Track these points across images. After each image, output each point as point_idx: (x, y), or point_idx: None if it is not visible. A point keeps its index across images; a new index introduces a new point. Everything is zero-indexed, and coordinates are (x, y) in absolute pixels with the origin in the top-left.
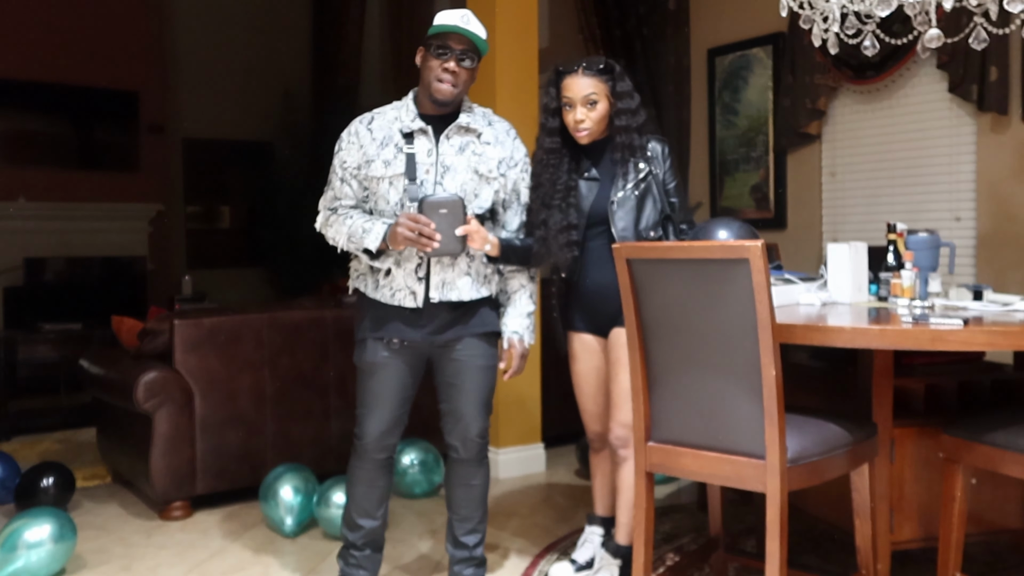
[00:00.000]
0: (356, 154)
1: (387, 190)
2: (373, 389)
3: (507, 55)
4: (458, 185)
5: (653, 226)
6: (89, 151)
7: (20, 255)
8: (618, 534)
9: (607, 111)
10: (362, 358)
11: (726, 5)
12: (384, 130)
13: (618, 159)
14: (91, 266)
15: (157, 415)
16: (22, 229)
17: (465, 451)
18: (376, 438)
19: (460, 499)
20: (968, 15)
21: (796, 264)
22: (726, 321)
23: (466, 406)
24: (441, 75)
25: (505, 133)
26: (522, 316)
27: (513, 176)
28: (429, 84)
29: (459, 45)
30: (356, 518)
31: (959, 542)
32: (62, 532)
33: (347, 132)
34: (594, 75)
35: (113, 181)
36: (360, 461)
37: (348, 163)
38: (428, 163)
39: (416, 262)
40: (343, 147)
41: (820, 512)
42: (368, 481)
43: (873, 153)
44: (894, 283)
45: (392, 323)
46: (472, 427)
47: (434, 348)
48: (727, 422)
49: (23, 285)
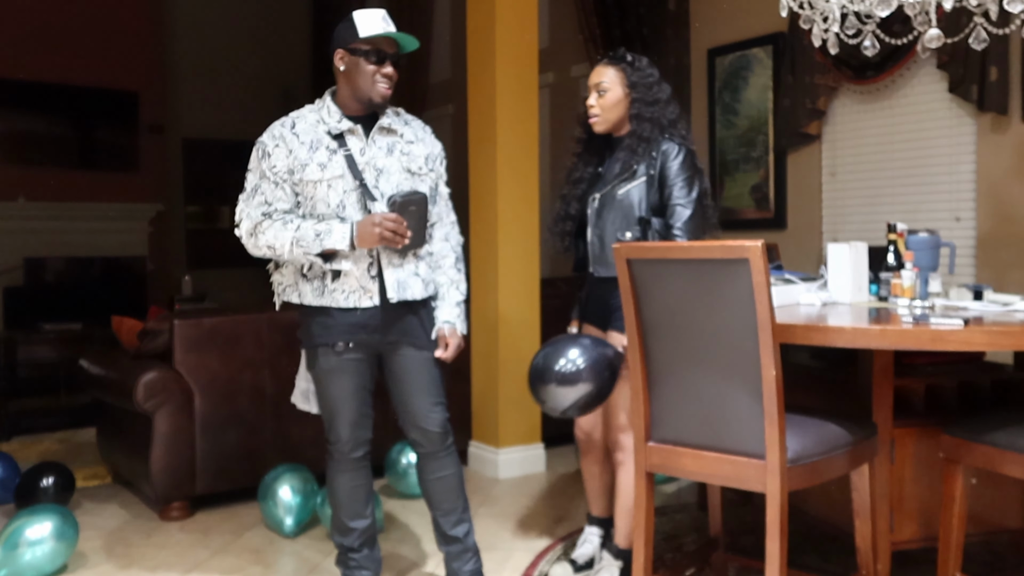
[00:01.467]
0: (285, 158)
1: (326, 193)
2: (333, 395)
3: (507, 55)
4: (394, 185)
5: (629, 227)
6: (89, 151)
7: (20, 255)
8: (617, 537)
9: (620, 100)
10: (316, 367)
11: (726, 5)
12: (309, 133)
13: (620, 152)
14: (91, 266)
15: (157, 415)
16: (22, 229)
17: (428, 444)
18: (348, 438)
19: (436, 493)
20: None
21: (796, 264)
22: (726, 321)
23: (415, 398)
24: (380, 79)
25: (423, 129)
26: (452, 306)
27: (438, 170)
28: (365, 90)
29: (391, 49)
30: (348, 522)
31: (959, 542)
32: (64, 529)
33: (270, 136)
34: (609, 64)
35: (113, 181)
36: (338, 464)
37: (279, 168)
38: (363, 163)
39: (368, 260)
40: (270, 152)
41: (820, 512)
42: (351, 482)
43: (873, 153)
44: (894, 283)
45: (339, 327)
46: (428, 419)
47: (383, 345)
48: (727, 422)
49: (23, 285)
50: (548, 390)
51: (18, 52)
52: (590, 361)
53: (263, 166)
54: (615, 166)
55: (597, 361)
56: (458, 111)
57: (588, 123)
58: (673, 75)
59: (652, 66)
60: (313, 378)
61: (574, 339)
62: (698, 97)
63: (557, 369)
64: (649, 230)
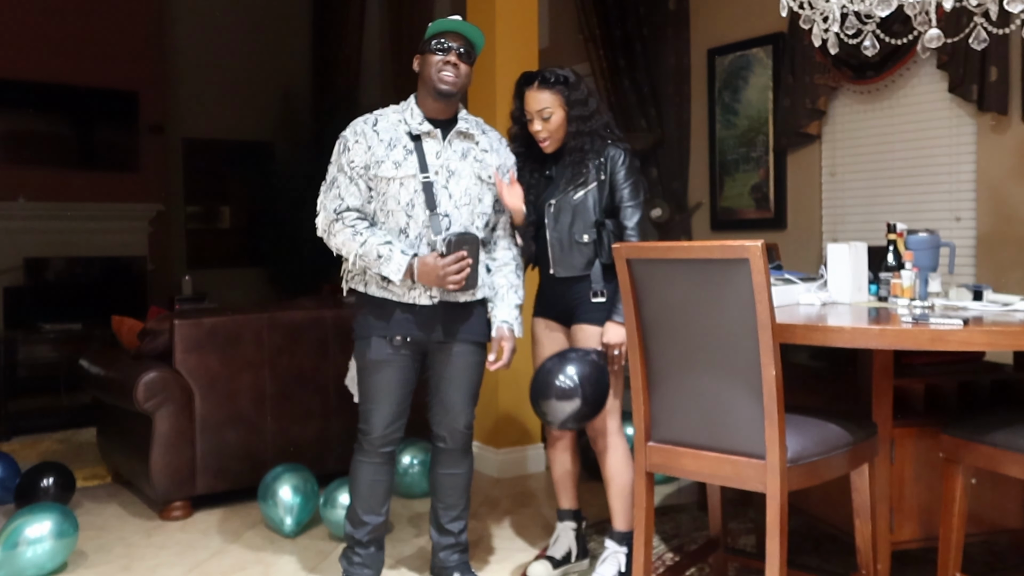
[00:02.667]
0: (364, 154)
1: (397, 191)
2: (379, 385)
3: (507, 55)
4: (463, 190)
5: (586, 229)
6: (89, 151)
7: (20, 255)
8: (616, 522)
9: (563, 120)
10: (366, 355)
11: (726, 5)
12: (390, 132)
13: (567, 163)
14: (91, 266)
15: (157, 415)
16: (22, 229)
17: (452, 442)
18: (383, 432)
19: (445, 487)
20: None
21: (796, 264)
22: (726, 321)
23: (456, 397)
24: (443, 67)
25: (499, 141)
26: (511, 307)
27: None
28: (432, 79)
29: (457, 41)
30: (362, 515)
31: (959, 542)
32: (63, 528)
33: (352, 132)
34: (547, 88)
35: (113, 181)
36: (365, 456)
37: (356, 163)
38: (436, 165)
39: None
40: (350, 147)
41: (820, 512)
42: (373, 475)
43: (873, 153)
44: (894, 283)
45: (397, 320)
46: (460, 418)
47: (432, 344)
48: (727, 422)
49: (23, 285)
50: (549, 404)
51: (18, 52)
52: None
53: (342, 160)
54: (566, 172)
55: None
56: None
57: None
58: (673, 75)
59: (579, 78)
60: (360, 367)
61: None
62: (698, 97)
63: (557, 385)
64: (604, 231)
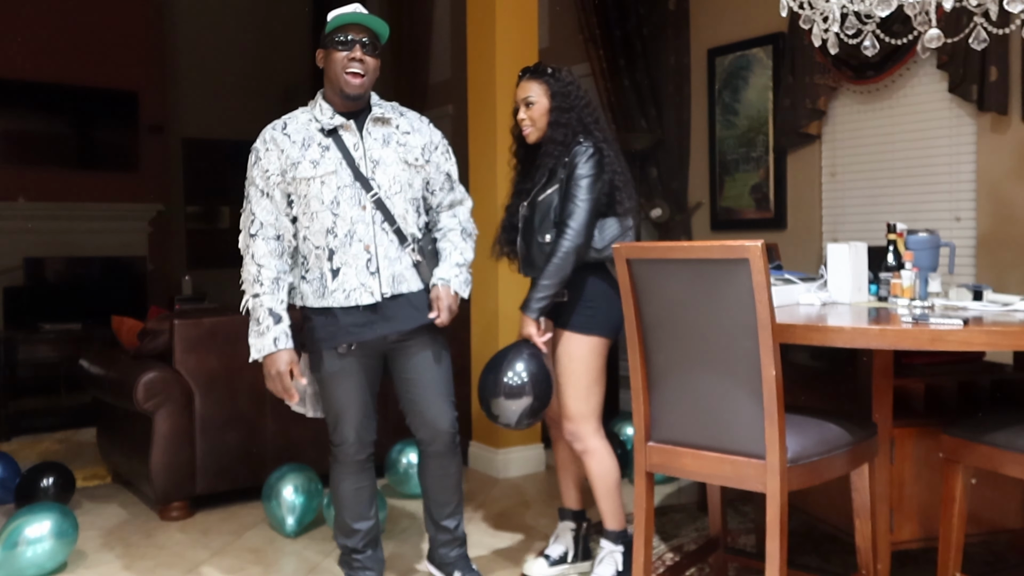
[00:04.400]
0: (277, 161)
1: (319, 190)
2: (338, 397)
3: (507, 55)
4: (391, 177)
5: (548, 230)
6: (89, 151)
7: (20, 255)
8: (608, 522)
9: (546, 110)
10: (320, 369)
11: (726, 5)
12: (301, 132)
13: (540, 161)
14: (91, 266)
15: (157, 415)
16: (22, 229)
17: (437, 444)
18: (354, 441)
19: (436, 489)
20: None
21: (796, 264)
22: (726, 321)
23: (429, 398)
24: (348, 66)
25: (419, 120)
26: (450, 266)
27: (436, 159)
28: (338, 79)
29: (361, 34)
30: (351, 523)
31: (959, 542)
32: (63, 527)
33: (261, 141)
34: (534, 78)
35: (113, 181)
36: (342, 467)
37: (270, 171)
38: (357, 157)
39: (366, 257)
40: (260, 156)
41: (820, 512)
42: (356, 483)
43: (873, 153)
44: (894, 283)
45: (341, 328)
46: (440, 420)
47: (387, 344)
48: (727, 422)
49: (23, 285)
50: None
51: (18, 52)
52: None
53: (253, 173)
54: (538, 171)
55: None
56: (458, 111)
57: (521, 136)
58: (673, 75)
59: (571, 75)
60: (318, 380)
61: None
62: (698, 97)
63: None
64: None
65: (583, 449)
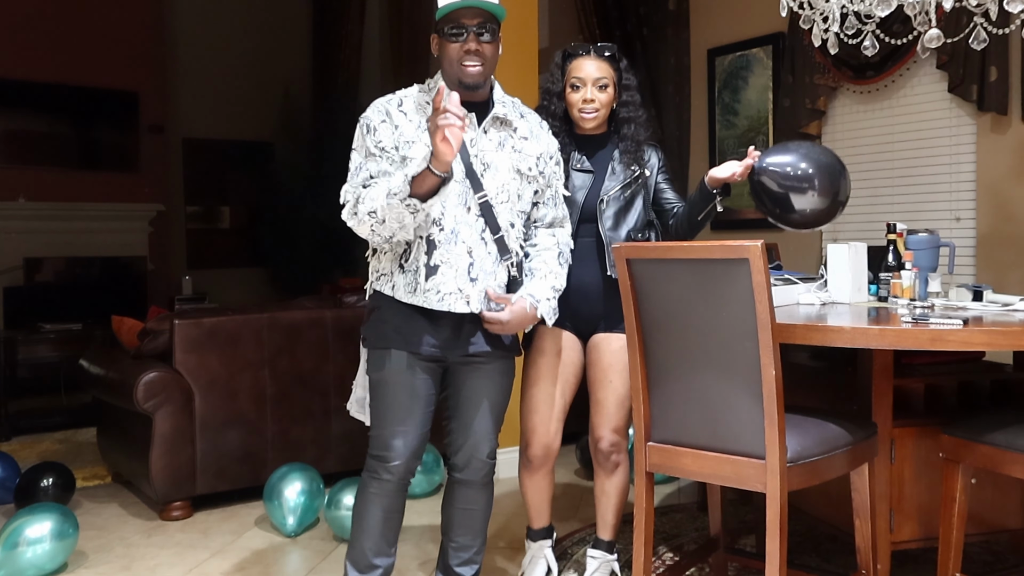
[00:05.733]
0: (391, 135)
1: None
2: (400, 405)
3: (507, 55)
4: (499, 184)
5: (641, 229)
6: (89, 151)
7: (20, 255)
8: (607, 533)
9: (612, 98)
10: (384, 369)
11: (726, 5)
12: (419, 113)
13: (619, 154)
14: (91, 266)
15: (157, 415)
16: (22, 229)
17: (472, 472)
18: (407, 459)
19: (459, 523)
20: (968, 15)
21: (796, 264)
22: (726, 321)
23: (480, 423)
24: (463, 58)
25: (539, 126)
26: (545, 287)
27: (549, 171)
28: (454, 71)
29: (473, 20)
30: (372, 558)
31: (959, 542)
32: (63, 528)
33: (375, 112)
34: (605, 60)
35: (113, 181)
36: (383, 487)
37: (384, 142)
38: (472, 154)
39: (468, 261)
40: (375, 126)
41: (820, 512)
42: (390, 510)
43: (873, 153)
44: (894, 283)
45: (425, 331)
46: (483, 446)
47: (456, 359)
48: (727, 422)
49: (23, 285)
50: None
51: (18, 52)
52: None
53: (367, 142)
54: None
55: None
56: None
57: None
58: (673, 75)
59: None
60: (374, 383)
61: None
62: (698, 97)
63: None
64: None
65: (619, 461)
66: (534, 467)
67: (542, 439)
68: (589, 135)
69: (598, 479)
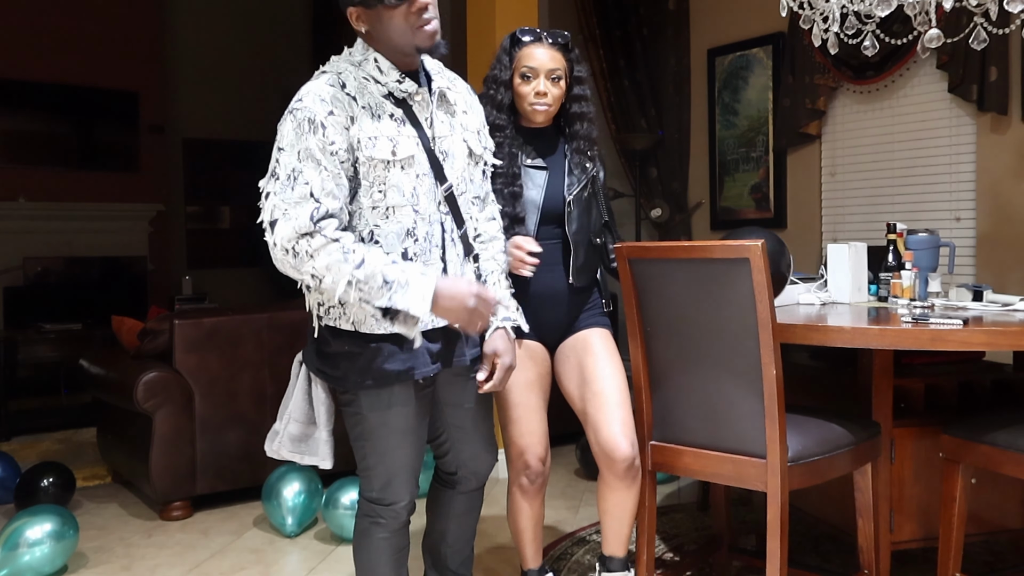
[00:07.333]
0: (344, 132)
1: (399, 178)
2: (393, 446)
3: None
4: (459, 173)
5: (599, 231)
6: (89, 151)
7: (20, 255)
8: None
9: (564, 91)
10: (392, 412)
11: (726, 5)
12: (365, 96)
13: (573, 151)
14: (91, 266)
15: (157, 415)
16: (22, 229)
17: (468, 486)
18: (409, 500)
19: (453, 531)
20: (968, 15)
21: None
22: (727, 321)
23: (482, 431)
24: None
25: (469, 92)
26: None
27: (488, 144)
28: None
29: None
30: None
31: (959, 542)
32: (64, 529)
33: (316, 101)
34: (559, 50)
35: (113, 181)
36: (386, 533)
37: (337, 144)
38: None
39: (441, 266)
40: (323, 123)
41: (820, 512)
42: (398, 549)
43: (873, 153)
44: (894, 283)
45: (416, 354)
46: (488, 457)
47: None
48: (728, 421)
49: (23, 285)
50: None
51: (18, 52)
52: None
53: (309, 143)
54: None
55: None
56: None
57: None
58: (673, 75)
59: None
60: (375, 425)
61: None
62: (698, 97)
63: None
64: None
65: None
66: (534, 489)
67: (538, 454)
68: (536, 128)
69: (612, 492)
